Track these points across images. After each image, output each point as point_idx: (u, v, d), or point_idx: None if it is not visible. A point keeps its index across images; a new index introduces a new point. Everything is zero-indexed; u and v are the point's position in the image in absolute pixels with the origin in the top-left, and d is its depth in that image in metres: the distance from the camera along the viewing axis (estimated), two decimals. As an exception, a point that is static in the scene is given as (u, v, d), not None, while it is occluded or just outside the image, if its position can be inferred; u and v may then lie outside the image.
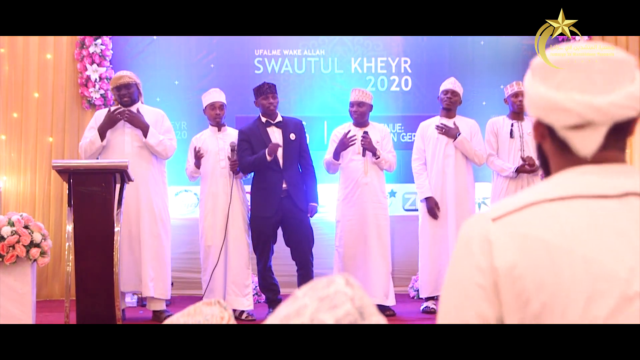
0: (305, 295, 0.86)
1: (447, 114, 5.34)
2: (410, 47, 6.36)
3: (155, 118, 5.08)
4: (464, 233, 1.06)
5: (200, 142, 5.17)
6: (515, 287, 0.99)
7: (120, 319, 4.38)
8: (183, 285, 5.93)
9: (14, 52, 6.04)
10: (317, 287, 0.87)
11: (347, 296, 0.87)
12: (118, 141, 4.94)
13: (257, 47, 6.31)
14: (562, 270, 0.97)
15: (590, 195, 1.01)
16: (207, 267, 5.07)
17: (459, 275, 1.03)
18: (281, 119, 5.07)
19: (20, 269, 4.30)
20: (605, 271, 0.96)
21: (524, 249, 0.99)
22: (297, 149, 5.03)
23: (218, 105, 5.14)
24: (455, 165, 5.24)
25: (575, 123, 1.04)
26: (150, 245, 4.95)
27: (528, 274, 0.98)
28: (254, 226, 5.01)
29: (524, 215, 1.02)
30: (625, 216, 0.99)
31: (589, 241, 0.98)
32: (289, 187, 4.94)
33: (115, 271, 4.32)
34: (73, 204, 4.35)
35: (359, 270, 5.08)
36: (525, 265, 0.98)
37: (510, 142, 5.28)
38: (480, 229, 1.04)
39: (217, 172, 5.08)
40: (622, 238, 0.98)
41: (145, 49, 6.22)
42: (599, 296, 0.95)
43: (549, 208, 1.01)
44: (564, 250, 0.97)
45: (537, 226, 1.00)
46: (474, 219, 1.06)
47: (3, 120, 6.03)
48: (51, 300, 5.88)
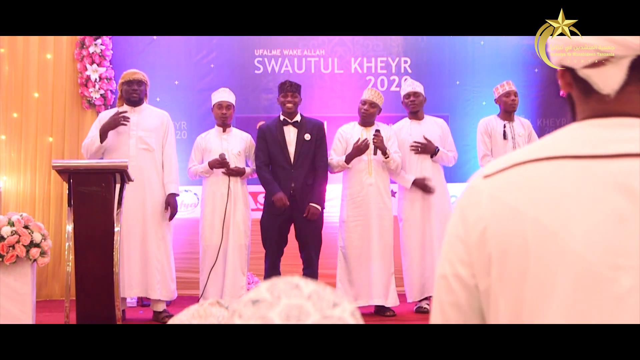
0: (309, 299, 0.85)
1: (415, 116, 5.34)
2: (410, 47, 6.36)
3: (161, 120, 5.06)
4: (467, 185, 1.05)
5: (204, 141, 5.18)
6: (484, 251, 0.98)
7: (120, 319, 4.38)
8: (183, 285, 5.93)
9: (14, 52, 6.04)
10: (324, 299, 0.86)
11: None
12: (123, 144, 4.93)
13: (257, 47, 6.31)
14: (525, 241, 0.94)
15: (579, 155, 0.95)
16: (205, 268, 5.08)
17: (449, 228, 1.04)
18: (299, 119, 5.09)
19: (20, 269, 4.30)
20: (563, 245, 0.92)
21: (495, 213, 0.97)
22: (311, 150, 5.04)
23: (225, 104, 5.15)
24: (432, 168, 5.26)
25: (594, 60, 1.00)
26: (156, 248, 4.95)
27: (493, 239, 0.97)
28: (264, 222, 5.07)
29: (506, 177, 0.99)
30: (609, 180, 0.93)
31: (557, 210, 0.93)
32: (296, 187, 4.96)
33: (115, 271, 4.32)
34: (73, 204, 4.35)
35: (362, 270, 5.08)
36: (493, 230, 0.97)
37: (503, 143, 5.28)
38: (472, 184, 1.03)
39: (219, 173, 5.09)
40: (597, 206, 0.92)
41: (145, 49, 6.22)
42: (553, 273, 0.91)
43: (530, 170, 0.97)
44: (529, 219, 0.94)
45: (511, 191, 0.97)
46: (474, 175, 1.05)
47: (3, 120, 6.03)
48: (51, 300, 5.88)
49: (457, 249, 1.01)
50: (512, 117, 5.37)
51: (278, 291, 0.85)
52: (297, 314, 0.82)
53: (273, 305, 0.83)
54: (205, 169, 5.06)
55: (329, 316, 0.83)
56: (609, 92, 1.01)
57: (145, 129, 4.97)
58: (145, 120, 4.99)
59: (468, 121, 6.14)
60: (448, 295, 1.02)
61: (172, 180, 5.02)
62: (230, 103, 5.17)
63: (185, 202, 6.08)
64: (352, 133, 5.19)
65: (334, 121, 5.90)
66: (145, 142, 4.94)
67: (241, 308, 0.85)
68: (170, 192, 4.99)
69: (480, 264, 0.99)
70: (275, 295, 0.85)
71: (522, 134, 5.32)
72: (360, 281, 5.09)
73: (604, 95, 1.01)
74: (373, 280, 5.05)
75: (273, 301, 0.84)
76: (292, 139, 5.03)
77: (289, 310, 0.83)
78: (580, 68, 1.02)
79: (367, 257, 5.09)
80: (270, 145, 5.02)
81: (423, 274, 5.17)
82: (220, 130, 5.19)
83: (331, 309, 0.84)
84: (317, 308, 0.83)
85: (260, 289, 0.87)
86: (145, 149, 4.94)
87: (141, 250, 4.91)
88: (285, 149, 5.01)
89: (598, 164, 0.94)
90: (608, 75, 1.00)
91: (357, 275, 5.08)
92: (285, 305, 0.83)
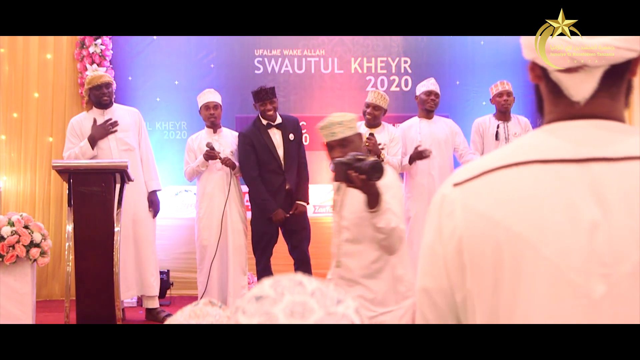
0: (313, 296, 0.85)
1: (427, 115, 5.33)
2: (410, 47, 6.36)
3: (133, 119, 5.07)
4: (435, 195, 1.04)
5: (196, 142, 5.16)
6: (459, 261, 0.96)
7: (120, 319, 4.38)
8: (182, 285, 5.93)
9: (14, 52, 6.04)
10: (328, 296, 0.86)
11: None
12: (105, 147, 4.91)
13: (257, 47, 6.30)
14: (499, 249, 0.93)
15: (549, 160, 0.94)
16: (203, 268, 5.07)
17: (425, 239, 1.02)
18: (281, 120, 5.05)
19: (20, 269, 4.30)
20: (536, 253, 0.91)
21: (468, 223, 0.96)
22: (296, 149, 5.03)
23: (212, 105, 5.10)
24: (439, 166, 5.24)
25: (568, 66, 0.99)
26: (148, 245, 5.00)
27: (467, 249, 0.95)
28: (256, 227, 5.00)
29: (477, 185, 0.98)
30: (581, 186, 0.92)
31: (530, 217, 0.92)
32: (291, 188, 4.96)
33: (116, 271, 4.32)
34: (73, 204, 4.35)
35: None
36: (467, 240, 0.96)
37: (495, 143, 5.26)
38: (443, 193, 1.01)
39: (213, 173, 5.08)
40: (569, 213, 0.91)
41: (145, 49, 6.22)
42: (528, 281, 0.91)
43: (502, 177, 0.96)
44: (502, 227, 0.93)
45: (483, 200, 0.96)
46: (445, 183, 1.04)
47: (3, 120, 6.03)
48: (51, 300, 5.87)
49: (436, 261, 1.00)
50: (508, 117, 5.36)
51: (281, 288, 0.85)
52: (301, 310, 0.83)
53: (277, 302, 0.83)
54: (201, 162, 5.01)
55: (332, 313, 0.83)
56: (579, 99, 1.00)
57: (122, 130, 4.97)
58: (120, 121, 4.98)
59: (468, 121, 6.13)
60: (432, 311, 1.01)
61: (153, 177, 5.06)
62: (217, 103, 5.12)
63: (185, 202, 6.08)
64: None
65: (334, 121, 5.89)
66: (126, 142, 4.95)
67: (245, 304, 0.85)
68: (152, 190, 5.01)
69: (456, 275, 0.97)
70: (279, 292, 0.85)
71: (518, 133, 5.29)
72: None
73: (574, 101, 1.00)
74: None
75: (277, 297, 0.84)
76: (279, 142, 4.97)
77: (293, 307, 0.83)
78: (552, 70, 1.01)
79: None
80: (259, 151, 4.93)
81: None
82: (211, 132, 5.16)
83: (335, 306, 0.84)
84: (321, 305, 0.83)
85: (264, 285, 0.87)
86: (126, 149, 4.94)
87: (135, 250, 4.94)
88: (275, 153, 4.96)
89: (569, 168, 0.93)
90: (580, 83, 0.99)
91: None
92: (289, 301, 0.83)
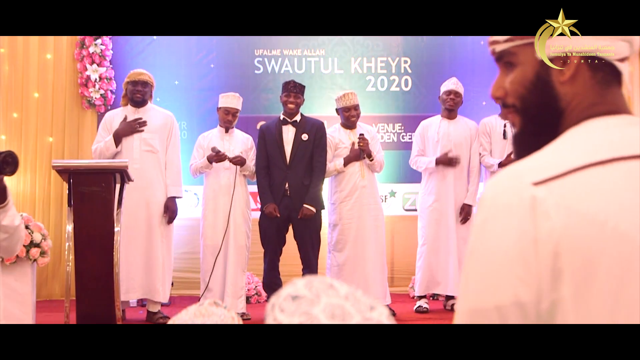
0: (347, 300, 0.86)
1: (448, 115, 5.33)
2: (410, 47, 6.36)
3: (165, 121, 5.04)
4: (494, 199, 0.91)
5: (206, 140, 5.17)
6: (553, 267, 0.88)
7: (120, 319, 4.38)
8: (183, 285, 5.94)
9: (14, 52, 6.05)
10: (361, 302, 0.87)
11: None
12: (127, 146, 4.92)
13: (257, 47, 6.31)
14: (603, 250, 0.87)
15: (629, 157, 0.90)
16: (206, 267, 5.08)
17: (494, 247, 0.89)
18: (299, 119, 5.08)
19: (20, 269, 4.30)
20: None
21: (569, 225, 0.88)
22: (308, 150, 5.02)
23: (232, 111, 5.13)
24: (454, 168, 5.24)
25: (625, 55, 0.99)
26: (159, 250, 4.94)
27: (567, 253, 0.88)
28: (261, 223, 5.07)
29: (568, 183, 0.90)
30: None
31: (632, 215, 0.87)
32: (290, 187, 4.95)
33: (116, 271, 4.32)
34: (73, 204, 4.35)
35: (357, 271, 5.07)
36: (568, 243, 0.88)
37: (503, 142, 5.29)
38: (520, 193, 0.90)
39: (220, 173, 5.09)
40: None
41: (145, 49, 6.22)
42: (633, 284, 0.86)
43: (595, 175, 0.90)
44: (609, 227, 0.87)
45: (582, 199, 0.89)
46: (506, 182, 0.92)
47: (3, 120, 6.04)
48: (51, 300, 5.88)
49: (519, 270, 0.88)
50: None
51: (316, 289, 0.86)
52: (340, 313, 0.84)
53: (314, 303, 0.84)
54: (205, 164, 5.04)
55: (369, 318, 0.84)
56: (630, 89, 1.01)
57: (149, 130, 4.95)
58: (150, 122, 4.97)
59: (468, 121, 6.14)
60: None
61: (174, 183, 5.01)
62: (237, 110, 5.16)
63: (185, 202, 6.07)
64: (339, 137, 5.17)
65: (334, 121, 5.89)
66: (149, 144, 4.93)
67: (281, 302, 0.85)
68: (171, 196, 4.99)
69: (548, 282, 0.88)
70: (314, 293, 0.85)
71: None
72: (355, 283, 5.08)
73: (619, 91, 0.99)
74: (369, 281, 5.05)
75: (313, 298, 0.85)
76: (289, 139, 5.02)
77: (332, 309, 0.84)
78: (614, 60, 0.99)
79: (362, 258, 5.08)
80: (269, 144, 5.03)
81: (437, 267, 5.19)
82: (223, 131, 5.18)
83: (369, 312, 0.85)
84: (357, 310, 0.85)
85: (297, 285, 0.88)
86: (149, 150, 4.93)
87: (145, 253, 4.89)
88: (282, 149, 5.00)
89: None
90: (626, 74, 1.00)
91: (351, 276, 5.03)
92: (327, 303, 0.84)
